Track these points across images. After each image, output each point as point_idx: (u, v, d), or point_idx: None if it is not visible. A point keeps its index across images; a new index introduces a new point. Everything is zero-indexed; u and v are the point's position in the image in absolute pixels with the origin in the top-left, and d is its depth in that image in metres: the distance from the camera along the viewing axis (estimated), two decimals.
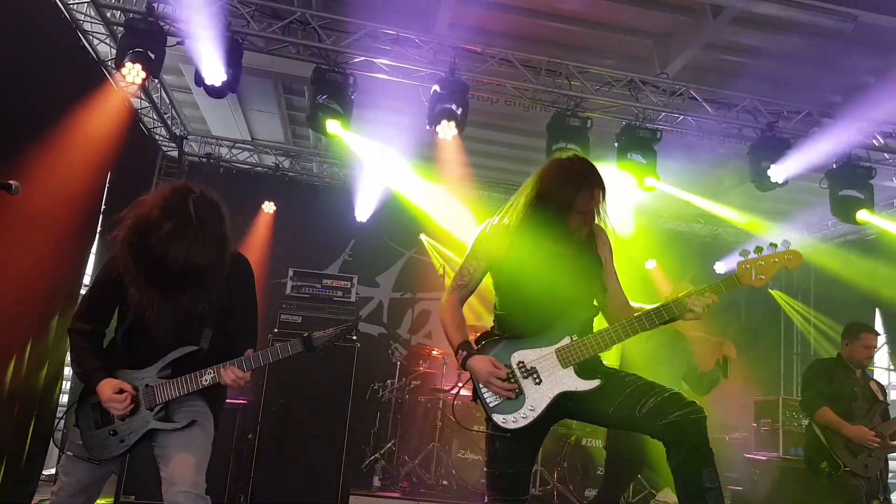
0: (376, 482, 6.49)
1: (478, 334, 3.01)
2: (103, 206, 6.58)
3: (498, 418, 2.79)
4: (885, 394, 5.03)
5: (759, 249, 2.86)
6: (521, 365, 2.81)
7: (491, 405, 2.81)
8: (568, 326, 2.84)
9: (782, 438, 7.08)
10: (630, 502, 6.68)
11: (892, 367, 8.88)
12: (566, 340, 2.81)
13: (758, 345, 9.44)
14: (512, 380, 2.80)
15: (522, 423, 2.77)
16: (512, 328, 2.93)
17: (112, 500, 5.60)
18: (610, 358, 4.26)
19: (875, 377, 5.22)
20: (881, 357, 9.77)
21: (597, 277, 2.99)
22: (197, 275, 2.68)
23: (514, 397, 2.78)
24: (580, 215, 2.88)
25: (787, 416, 7.18)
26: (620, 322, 2.84)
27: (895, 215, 7.79)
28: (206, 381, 2.84)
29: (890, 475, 5.42)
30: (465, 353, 2.86)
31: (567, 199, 2.85)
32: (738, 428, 8.00)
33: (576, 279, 2.90)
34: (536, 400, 2.77)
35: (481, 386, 2.82)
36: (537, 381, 2.79)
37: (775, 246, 2.85)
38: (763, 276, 2.82)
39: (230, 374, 2.82)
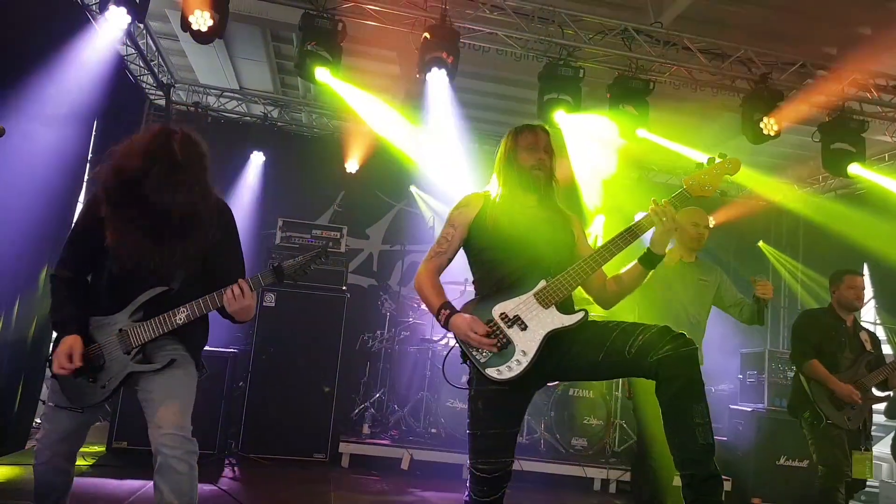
0: (366, 430, 6.56)
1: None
2: (90, 155, 6.51)
3: (492, 372, 2.75)
4: (875, 343, 5.02)
5: (699, 165, 2.99)
6: (503, 316, 2.81)
7: (481, 361, 2.79)
8: (542, 272, 2.86)
9: (767, 390, 7.18)
10: (616, 451, 6.80)
11: (878, 322, 8.98)
12: (542, 283, 2.83)
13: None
14: (497, 332, 2.79)
15: (518, 369, 2.73)
16: (489, 287, 2.96)
17: (104, 446, 5.67)
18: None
19: (866, 327, 5.17)
20: (867, 311, 9.88)
21: (567, 235, 3.05)
22: (186, 220, 2.65)
23: (504, 348, 2.76)
24: (534, 161, 3.05)
25: (773, 368, 7.27)
26: (590, 254, 2.88)
27: (886, 169, 7.77)
28: (181, 319, 2.77)
29: (874, 427, 5.45)
30: (447, 311, 2.87)
31: (515, 150, 3.10)
32: (724, 379, 8.11)
33: (546, 232, 2.97)
34: (526, 344, 2.75)
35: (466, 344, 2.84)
36: (523, 327, 2.78)
37: (713, 160, 2.98)
38: (710, 186, 2.94)
39: (233, 289, 2.73)
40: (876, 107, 6.83)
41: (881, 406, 6.63)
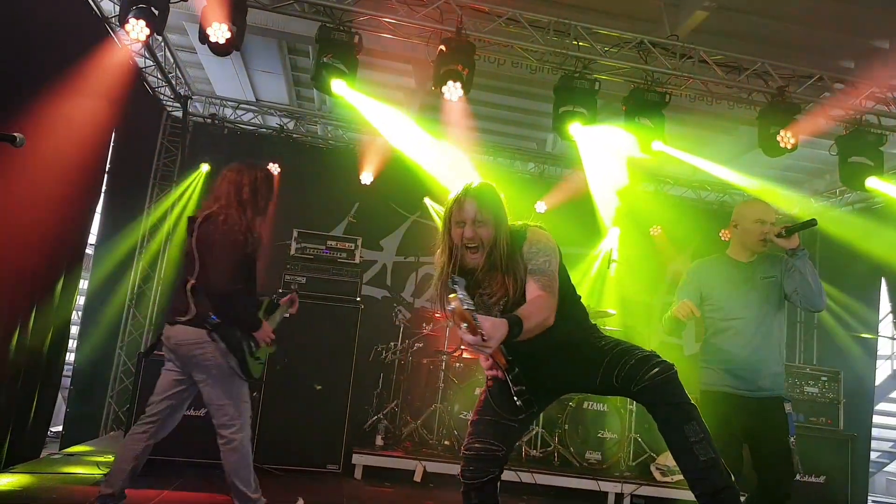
0: (379, 441, 6.54)
1: None
2: (108, 165, 6.58)
3: None
4: None
5: None
6: None
7: None
8: None
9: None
10: (630, 465, 6.74)
11: (895, 337, 8.88)
12: None
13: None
14: None
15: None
16: None
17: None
18: None
19: None
20: (885, 326, 9.77)
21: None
22: None
23: None
24: (461, 240, 2.88)
25: (791, 384, 7.20)
26: None
27: None
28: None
29: None
30: None
31: (448, 223, 2.94)
32: None
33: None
34: None
35: None
36: None
37: None
38: None
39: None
40: (894, 120, 6.77)
41: None
